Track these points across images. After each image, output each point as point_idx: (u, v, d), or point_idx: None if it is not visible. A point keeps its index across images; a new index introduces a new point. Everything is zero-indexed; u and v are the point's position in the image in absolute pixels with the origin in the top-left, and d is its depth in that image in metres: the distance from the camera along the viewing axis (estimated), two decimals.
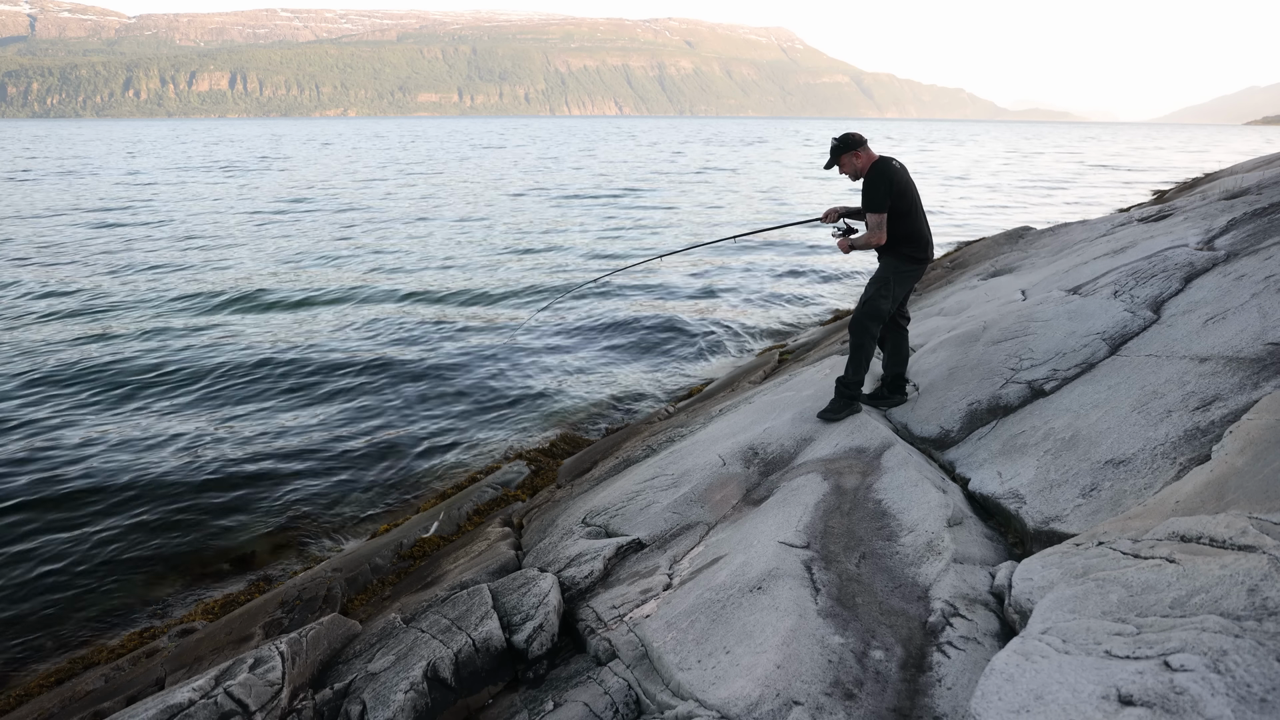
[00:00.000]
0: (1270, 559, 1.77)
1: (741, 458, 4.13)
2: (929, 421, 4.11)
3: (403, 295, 12.46)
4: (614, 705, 2.43)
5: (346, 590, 4.14)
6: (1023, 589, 2.25)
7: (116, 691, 3.43)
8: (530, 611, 2.98)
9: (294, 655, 2.87)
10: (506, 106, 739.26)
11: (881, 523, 3.08)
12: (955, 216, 21.52)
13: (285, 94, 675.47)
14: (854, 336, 4.11)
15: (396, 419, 7.30)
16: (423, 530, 4.78)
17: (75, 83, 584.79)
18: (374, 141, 78.40)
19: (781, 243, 17.44)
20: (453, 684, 2.70)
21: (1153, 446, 3.07)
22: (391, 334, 10.19)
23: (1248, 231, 5.81)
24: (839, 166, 4.05)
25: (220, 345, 9.57)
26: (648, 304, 11.94)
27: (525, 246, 16.99)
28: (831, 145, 4.05)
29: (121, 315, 11.04)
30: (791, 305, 11.98)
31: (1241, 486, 2.34)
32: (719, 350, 9.64)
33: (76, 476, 6.02)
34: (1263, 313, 3.83)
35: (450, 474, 6.23)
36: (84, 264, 14.76)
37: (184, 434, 6.87)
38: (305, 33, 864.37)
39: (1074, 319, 4.60)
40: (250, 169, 40.15)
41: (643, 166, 41.46)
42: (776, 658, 2.30)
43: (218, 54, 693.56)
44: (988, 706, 1.66)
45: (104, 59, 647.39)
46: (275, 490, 5.87)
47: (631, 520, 3.79)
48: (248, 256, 15.72)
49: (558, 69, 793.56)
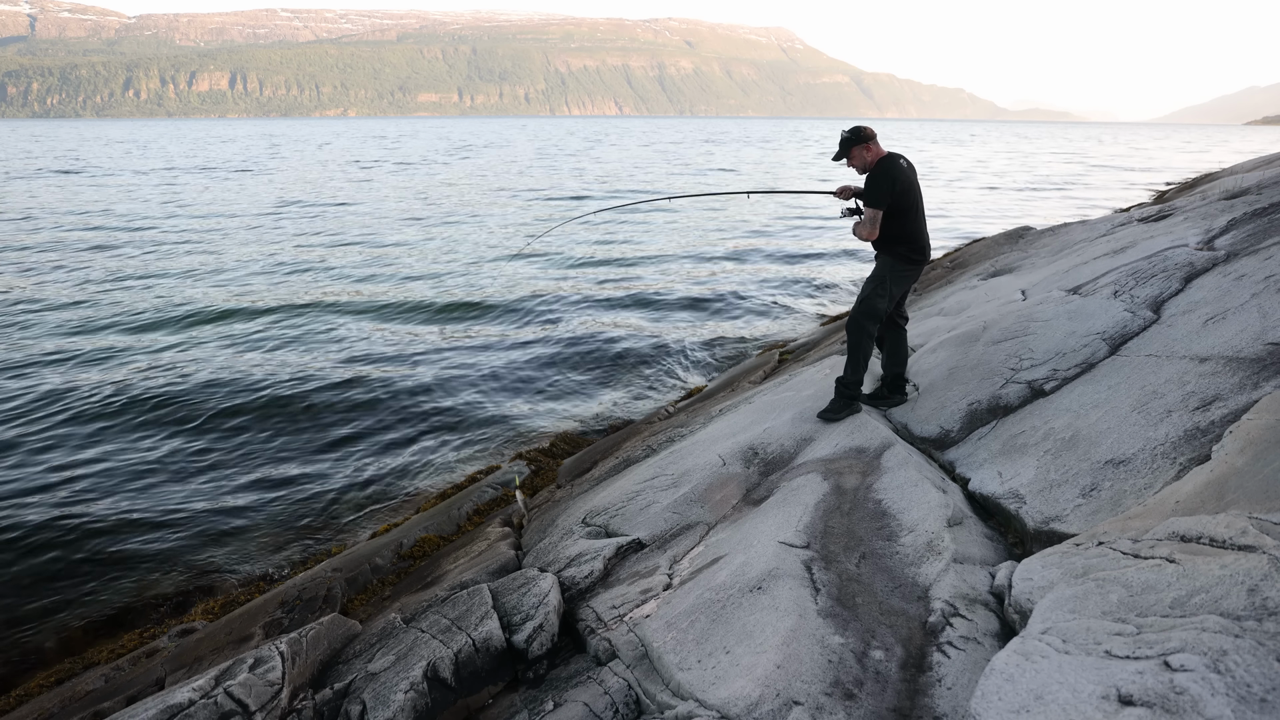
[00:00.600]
0: (1270, 559, 1.77)
1: (741, 458, 4.13)
2: (929, 421, 4.11)
3: (397, 300, 12.45)
4: (614, 705, 2.43)
5: (346, 590, 4.14)
6: (1023, 589, 2.25)
7: (116, 691, 3.43)
8: (530, 611, 2.98)
9: (294, 655, 2.87)
10: (506, 106, 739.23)
11: (881, 523, 3.08)
12: (955, 216, 21.52)
13: (285, 94, 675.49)
14: (851, 336, 4.11)
15: (396, 419, 7.30)
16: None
17: (75, 83, 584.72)
18: (375, 142, 78.29)
19: (782, 242, 17.44)
20: (453, 684, 2.70)
21: (1153, 446, 3.07)
22: (389, 337, 10.19)
23: (1248, 231, 5.81)
24: (848, 159, 4.05)
25: (212, 357, 9.56)
26: (647, 304, 11.94)
27: (518, 251, 16.99)
28: (842, 138, 4.04)
29: (116, 316, 11.04)
30: (791, 306, 11.98)
31: (1241, 486, 2.34)
32: (719, 350, 9.64)
33: (77, 476, 6.02)
34: (1263, 313, 3.83)
35: (450, 474, 6.23)
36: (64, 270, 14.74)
37: (176, 437, 6.87)
38: (305, 33, 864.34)
39: (1074, 319, 4.60)
40: (231, 171, 39.80)
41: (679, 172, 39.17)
42: (776, 658, 2.30)
43: (218, 54, 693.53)
44: (988, 706, 1.66)
45: (104, 59, 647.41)
46: (275, 490, 5.87)
47: (631, 520, 3.79)
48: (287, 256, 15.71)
49: (558, 69, 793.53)
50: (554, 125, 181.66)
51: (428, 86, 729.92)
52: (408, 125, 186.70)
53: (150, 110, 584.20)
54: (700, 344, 9.83)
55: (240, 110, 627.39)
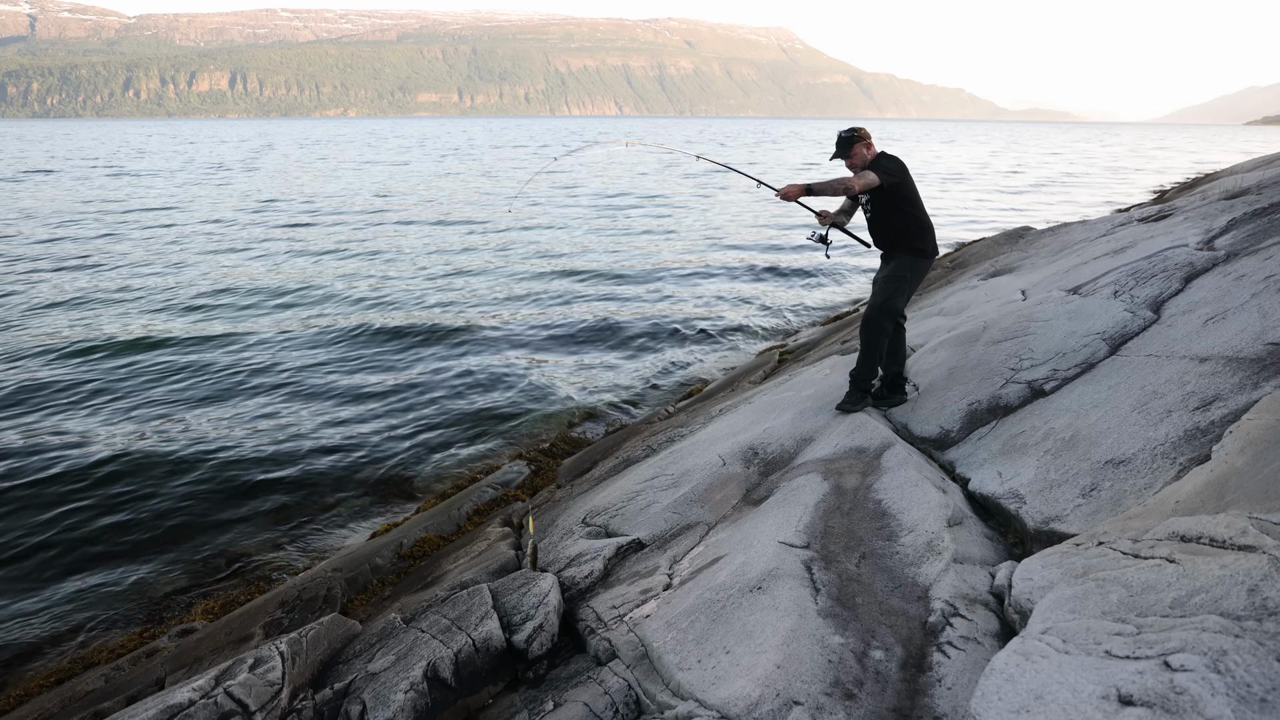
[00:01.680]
0: (1270, 559, 1.77)
1: (741, 458, 4.13)
2: (929, 421, 4.11)
3: (395, 300, 12.46)
4: (614, 705, 2.43)
5: (346, 590, 4.14)
6: (1023, 589, 2.25)
7: (116, 691, 3.43)
8: (530, 611, 2.98)
9: (294, 655, 2.87)
10: (506, 106, 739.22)
11: (881, 523, 3.08)
12: (955, 216, 21.52)
13: (285, 94, 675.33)
14: (868, 334, 4.14)
15: (395, 420, 7.29)
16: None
17: (75, 83, 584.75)
18: (377, 143, 78.14)
19: (782, 242, 17.44)
20: (453, 684, 2.70)
21: (1153, 446, 3.07)
22: (387, 338, 10.19)
23: (1248, 231, 5.82)
24: (849, 158, 4.08)
25: (212, 348, 9.56)
26: (646, 304, 11.94)
27: (516, 248, 16.99)
28: (840, 137, 4.08)
29: (114, 311, 11.04)
30: (791, 305, 11.98)
31: (1241, 486, 2.34)
32: (718, 350, 9.64)
33: (77, 476, 6.02)
34: (1263, 313, 3.83)
35: (450, 474, 6.23)
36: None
37: (183, 435, 6.87)
38: (305, 33, 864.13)
39: (1074, 319, 4.60)
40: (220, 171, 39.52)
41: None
42: (776, 658, 2.30)
43: (218, 54, 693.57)
44: (988, 706, 1.66)
45: (104, 59, 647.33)
46: (275, 490, 5.87)
47: (631, 520, 3.79)
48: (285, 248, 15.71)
49: (558, 69, 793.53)
50: (559, 124, 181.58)
51: (428, 86, 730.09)
52: (410, 125, 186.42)
53: (150, 110, 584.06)
54: (700, 344, 9.83)
55: (240, 110, 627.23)
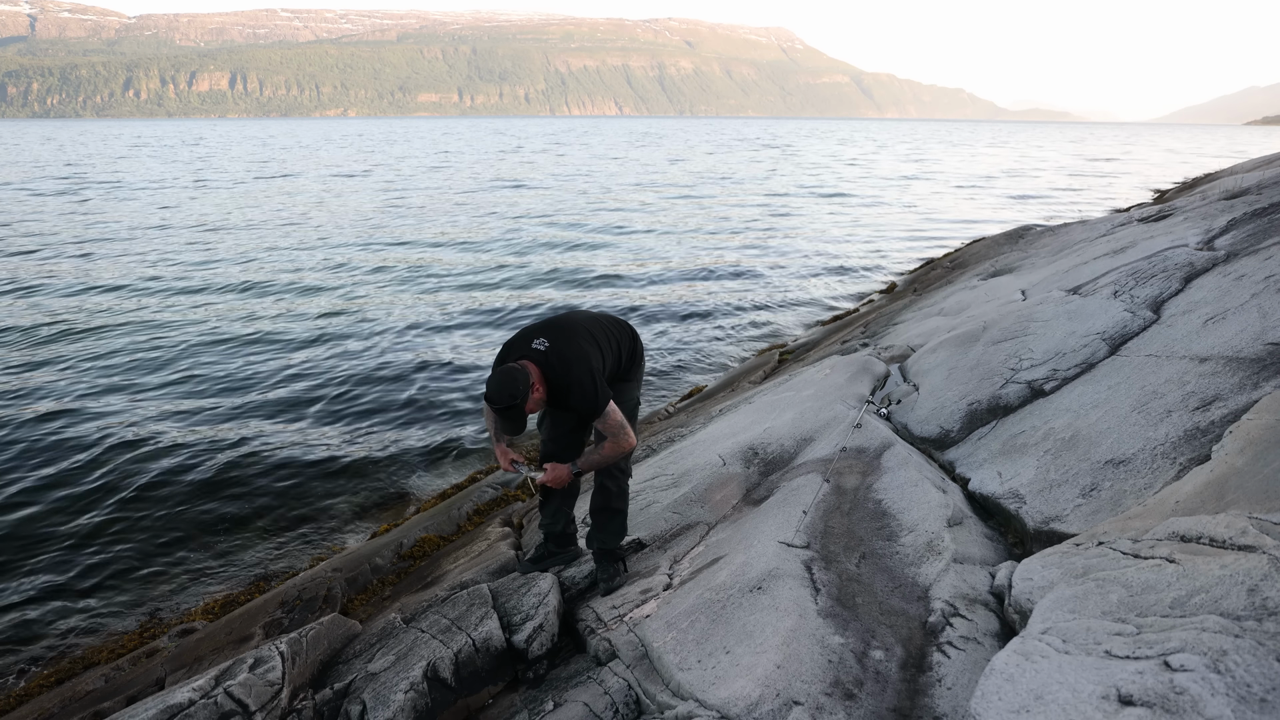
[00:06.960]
0: (1270, 559, 1.77)
1: (741, 458, 4.13)
2: (929, 421, 4.11)
3: (394, 299, 12.46)
4: (614, 705, 2.43)
5: (346, 590, 4.14)
6: (1023, 589, 2.25)
7: (116, 691, 3.43)
8: (530, 612, 2.98)
9: (294, 655, 2.87)
10: (507, 106, 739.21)
11: (881, 523, 3.09)
12: (955, 216, 21.54)
13: (285, 94, 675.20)
14: (618, 501, 3.22)
15: (394, 419, 7.30)
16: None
17: (75, 83, 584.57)
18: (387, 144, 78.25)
19: (779, 243, 17.44)
20: (453, 684, 2.70)
21: (1153, 446, 3.07)
22: (386, 338, 10.19)
23: (1248, 231, 5.82)
24: (525, 413, 2.83)
25: (209, 346, 9.56)
26: (645, 304, 11.94)
27: (513, 244, 16.99)
28: (505, 404, 2.75)
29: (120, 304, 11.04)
30: (791, 305, 11.98)
31: (1241, 486, 2.34)
32: (718, 350, 9.64)
33: (77, 476, 6.02)
34: (1263, 313, 3.83)
35: (450, 474, 6.23)
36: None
37: (181, 436, 6.87)
38: (305, 33, 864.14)
39: (1074, 319, 4.60)
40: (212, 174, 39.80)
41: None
42: (776, 658, 2.30)
43: (218, 54, 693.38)
44: (988, 706, 1.66)
45: (104, 59, 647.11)
46: (275, 490, 5.87)
47: (632, 520, 3.79)
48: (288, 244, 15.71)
49: (558, 69, 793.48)
50: (560, 124, 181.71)
51: (428, 86, 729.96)
52: (409, 125, 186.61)
53: (150, 110, 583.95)
54: (700, 344, 9.82)
55: (240, 110, 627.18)
